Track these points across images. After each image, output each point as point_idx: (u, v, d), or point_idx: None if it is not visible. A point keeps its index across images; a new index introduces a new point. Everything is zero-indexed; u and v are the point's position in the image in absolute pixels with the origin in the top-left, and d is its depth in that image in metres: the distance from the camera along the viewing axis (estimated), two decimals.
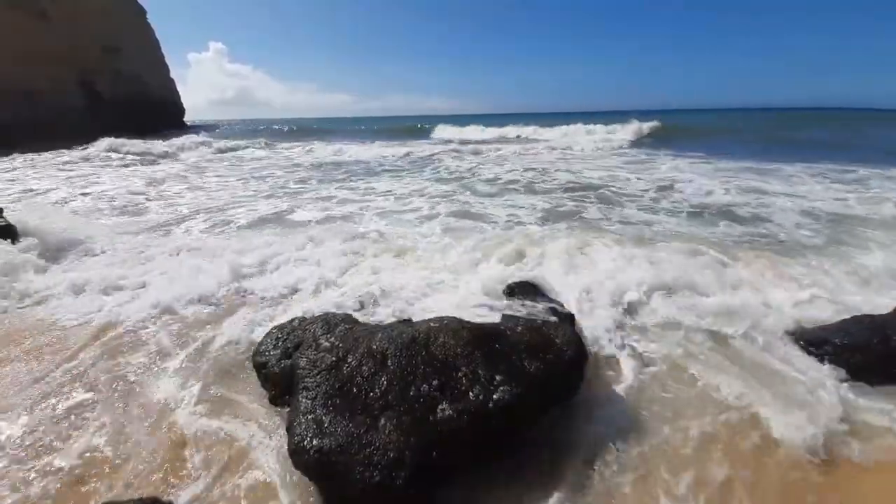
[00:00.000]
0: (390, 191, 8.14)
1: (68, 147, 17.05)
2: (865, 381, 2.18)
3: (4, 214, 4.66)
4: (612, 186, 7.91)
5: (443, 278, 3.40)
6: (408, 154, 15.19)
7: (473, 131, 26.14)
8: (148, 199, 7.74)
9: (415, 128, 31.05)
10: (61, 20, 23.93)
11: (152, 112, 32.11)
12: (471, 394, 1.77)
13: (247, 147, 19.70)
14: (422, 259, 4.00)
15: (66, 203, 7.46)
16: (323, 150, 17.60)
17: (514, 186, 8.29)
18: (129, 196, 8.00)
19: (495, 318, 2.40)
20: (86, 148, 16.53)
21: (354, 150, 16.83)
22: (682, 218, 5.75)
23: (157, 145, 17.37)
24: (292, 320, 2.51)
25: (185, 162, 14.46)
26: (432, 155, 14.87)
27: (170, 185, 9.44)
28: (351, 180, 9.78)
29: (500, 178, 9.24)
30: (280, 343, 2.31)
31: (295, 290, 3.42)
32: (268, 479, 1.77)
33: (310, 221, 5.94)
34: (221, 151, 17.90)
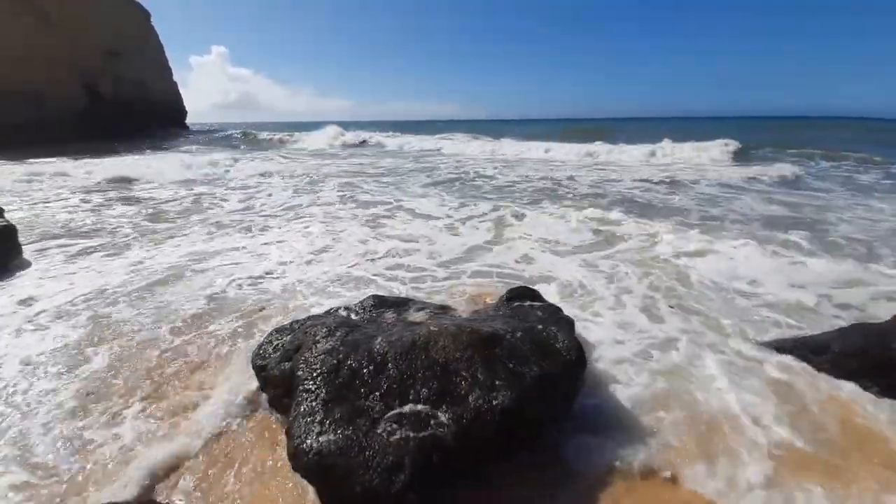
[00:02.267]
0: None
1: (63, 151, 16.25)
2: (863, 388, 2.18)
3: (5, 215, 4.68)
4: None
5: None
6: None
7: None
8: None
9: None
10: (65, 23, 24.07)
11: (155, 115, 32.26)
12: (470, 398, 1.77)
13: None
14: None
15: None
16: None
17: None
18: None
19: (495, 322, 2.41)
20: None
21: None
22: None
23: None
24: (293, 323, 2.51)
25: None
26: None
27: None
28: None
29: None
30: (280, 346, 2.31)
31: None
32: (266, 482, 1.77)
33: None
34: None
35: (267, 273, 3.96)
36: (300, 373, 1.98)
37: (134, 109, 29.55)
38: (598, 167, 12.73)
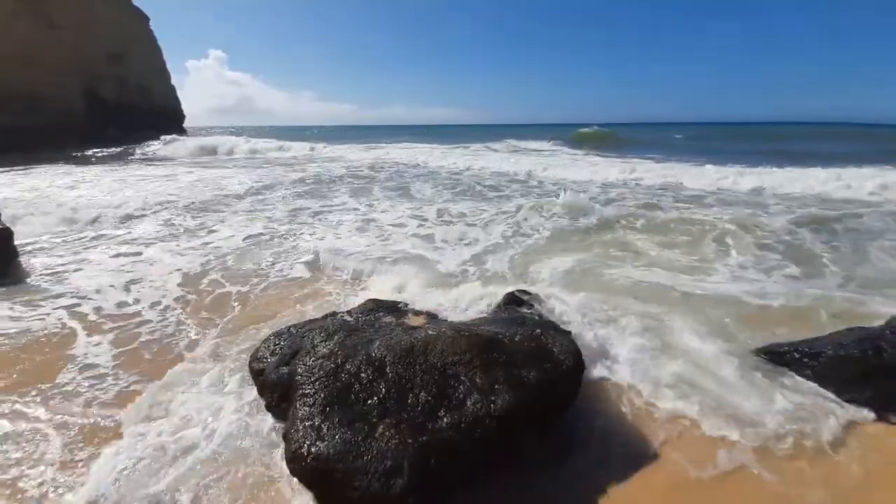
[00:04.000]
0: None
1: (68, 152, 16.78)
2: (857, 392, 2.20)
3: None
4: None
5: None
6: None
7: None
8: None
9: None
10: (67, 27, 24.15)
11: (154, 118, 32.26)
12: (469, 402, 1.78)
13: None
14: None
15: None
16: None
17: None
18: None
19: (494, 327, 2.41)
20: None
21: None
22: None
23: None
24: (290, 327, 2.51)
25: None
26: None
27: None
28: None
29: None
30: (278, 350, 2.31)
31: None
32: (264, 487, 1.77)
33: None
34: None
35: None
36: (298, 377, 1.98)
37: (133, 113, 29.58)
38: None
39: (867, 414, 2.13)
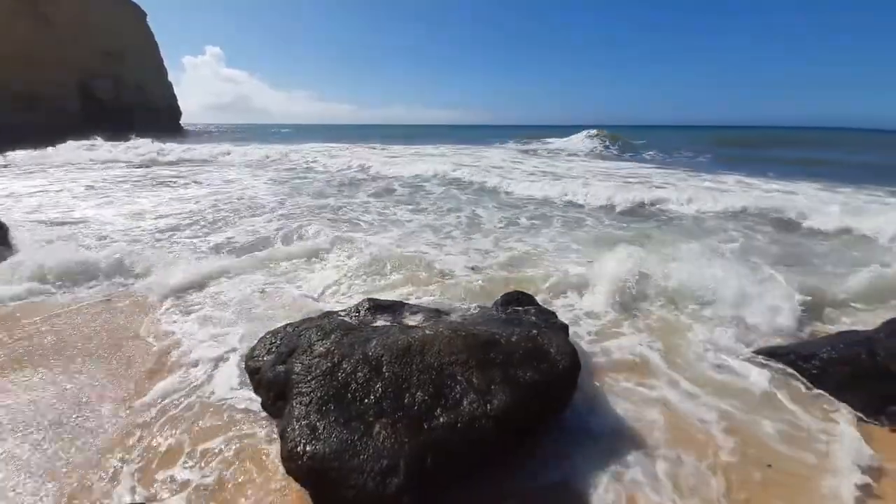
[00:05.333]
0: None
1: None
2: (851, 394, 2.22)
3: None
4: None
5: None
6: None
7: None
8: None
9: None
10: (65, 26, 24.05)
11: (150, 115, 32.11)
12: (465, 402, 1.78)
13: None
14: None
15: None
16: None
17: None
18: None
19: (490, 326, 2.41)
20: None
21: None
22: None
23: None
24: (286, 325, 2.50)
25: None
26: None
27: None
28: None
29: None
30: (274, 348, 2.29)
31: None
32: (260, 486, 1.76)
33: None
34: None
35: None
36: (295, 376, 1.97)
37: (130, 110, 29.47)
38: None
39: (861, 416, 2.15)
